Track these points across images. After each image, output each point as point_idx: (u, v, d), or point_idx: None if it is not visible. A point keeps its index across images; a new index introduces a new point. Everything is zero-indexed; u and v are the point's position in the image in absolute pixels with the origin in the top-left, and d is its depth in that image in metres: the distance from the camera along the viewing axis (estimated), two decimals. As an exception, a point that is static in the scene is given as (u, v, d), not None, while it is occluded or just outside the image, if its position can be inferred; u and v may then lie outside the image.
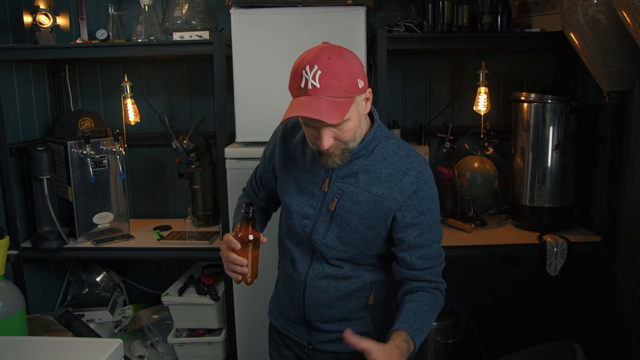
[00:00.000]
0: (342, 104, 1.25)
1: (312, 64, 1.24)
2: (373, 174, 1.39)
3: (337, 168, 1.40)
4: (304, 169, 1.47)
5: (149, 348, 2.59)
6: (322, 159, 1.37)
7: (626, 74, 1.89)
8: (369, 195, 1.38)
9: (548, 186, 2.40)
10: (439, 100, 2.81)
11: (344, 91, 1.26)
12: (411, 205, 1.38)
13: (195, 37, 2.33)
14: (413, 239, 1.39)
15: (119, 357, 1.54)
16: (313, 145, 1.37)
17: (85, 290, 2.80)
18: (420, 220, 1.39)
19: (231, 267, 1.40)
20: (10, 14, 2.54)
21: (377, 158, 1.40)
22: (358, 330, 1.39)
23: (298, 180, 1.47)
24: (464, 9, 2.34)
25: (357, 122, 1.32)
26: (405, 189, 1.37)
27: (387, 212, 1.38)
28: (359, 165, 1.40)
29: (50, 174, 2.42)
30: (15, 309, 1.99)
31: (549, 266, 2.28)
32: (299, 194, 1.46)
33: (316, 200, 1.44)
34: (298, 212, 1.46)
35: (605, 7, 1.75)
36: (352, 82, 1.27)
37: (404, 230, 1.39)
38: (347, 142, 1.33)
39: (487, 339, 2.72)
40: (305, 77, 1.24)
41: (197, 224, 2.65)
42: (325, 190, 1.42)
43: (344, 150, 1.35)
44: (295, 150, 1.49)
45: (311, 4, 2.11)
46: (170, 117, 2.43)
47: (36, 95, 2.70)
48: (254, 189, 1.68)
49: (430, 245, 1.41)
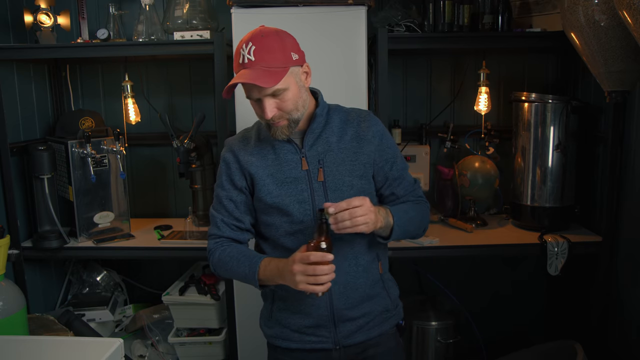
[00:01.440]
0: (275, 72, 1.39)
1: (247, 42, 1.41)
2: (339, 132, 1.54)
3: (307, 144, 1.52)
4: (274, 164, 1.53)
5: (150, 347, 2.59)
6: (271, 132, 1.49)
7: (627, 74, 1.89)
8: (347, 149, 1.53)
9: (549, 186, 2.40)
10: (439, 100, 2.81)
11: (277, 62, 1.40)
12: (382, 144, 1.56)
13: (196, 36, 2.33)
14: (394, 172, 1.58)
15: (119, 356, 1.54)
16: (261, 119, 1.49)
17: (86, 290, 2.80)
18: (393, 154, 1.59)
19: (322, 279, 1.35)
20: (11, 13, 2.54)
21: (334, 119, 1.56)
22: (381, 308, 1.59)
23: (276, 176, 1.53)
24: (465, 8, 2.34)
25: (296, 92, 1.45)
26: (374, 132, 1.55)
27: (367, 156, 1.54)
28: (323, 130, 1.54)
29: (51, 173, 2.42)
30: (15, 309, 1.99)
31: (550, 266, 2.28)
32: (283, 187, 1.52)
33: (302, 181, 1.51)
34: (292, 202, 1.51)
35: (606, 7, 1.75)
36: (285, 55, 1.41)
37: (383, 168, 1.57)
38: (290, 111, 1.45)
39: (487, 338, 2.72)
40: (242, 54, 1.41)
41: (198, 223, 2.65)
42: (306, 168, 1.52)
43: (289, 120, 1.47)
44: (258, 154, 1.55)
45: (312, 3, 2.11)
46: (171, 117, 2.43)
47: (37, 94, 2.70)
48: (236, 226, 1.59)
49: (406, 174, 1.62)
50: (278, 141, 1.53)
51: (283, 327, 1.61)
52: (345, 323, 1.56)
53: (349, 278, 1.54)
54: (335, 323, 1.55)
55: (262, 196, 1.53)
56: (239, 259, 1.52)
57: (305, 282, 1.36)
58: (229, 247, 1.57)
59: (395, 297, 1.67)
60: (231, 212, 1.57)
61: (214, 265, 1.59)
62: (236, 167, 1.56)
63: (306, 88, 1.51)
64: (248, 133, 1.62)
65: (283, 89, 1.41)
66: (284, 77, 1.40)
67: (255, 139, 1.58)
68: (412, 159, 2.64)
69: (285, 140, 1.52)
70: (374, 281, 1.59)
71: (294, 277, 1.36)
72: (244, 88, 1.44)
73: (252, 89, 1.41)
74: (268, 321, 1.66)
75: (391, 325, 1.65)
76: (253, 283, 1.50)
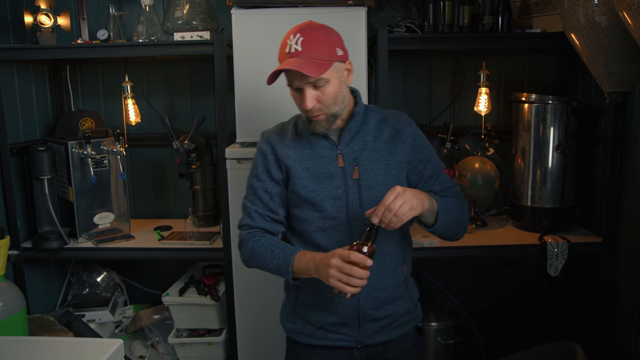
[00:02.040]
0: (321, 64, 1.42)
1: (295, 33, 1.45)
2: (376, 131, 1.57)
3: (343, 141, 1.54)
4: (310, 158, 1.55)
5: (150, 348, 2.59)
6: (310, 125, 1.52)
7: (627, 75, 1.89)
8: (382, 149, 1.55)
9: (549, 187, 2.40)
10: (439, 100, 2.81)
11: (323, 54, 1.43)
12: (417, 144, 1.58)
13: (196, 37, 2.33)
14: (429, 170, 1.59)
15: (119, 357, 1.54)
16: (301, 111, 1.52)
17: (86, 291, 2.80)
18: (428, 154, 1.60)
19: (355, 282, 1.35)
20: (11, 14, 2.54)
21: (371, 118, 1.59)
22: (403, 310, 1.61)
23: (311, 171, 1.54)
24: (465, 9, 2.34)
25: (337, 87, 1.48)
26: (408, 132, 1.58)
27: (402, 156, 1.56)
28: (360, 129, 1.56)
29: (51, 174, 2.42)
30: (15, 309, 1.99)
31: (550, 267, 2.28)
32: (318, 182, 1.53)
33: (337, 178, 1.53)
34: (327, 198, 1.53)
35: (606, 8, 1.75)
36: (330, 49, 1.45)
37: (418, 167, 1.58)
38: (329, 105, 1.47)
39: (487, 339, 2.72)
40: (290, 43, 1.45)
41: (198, 224, 2.65)
42: (342, 165, 1.53)
43: (328, 115, 1.49)
44: (294, 147, 1.57)
45: (312, 4, 2.12)
46: (170, 118, 2.43)
47: (37, 95, 2.70)
48: (271, 217, 1.59)
49: (442, 172, 1.62)
50: (315, 136, 1.56)
51: (306, 323, 1.61)
52: (369, 323, 1.57)
53: (376, 279, 1.54)
54: (360, 322, 1.57)
55: (297, 189, 1.54)
56: (272, 250, 1.51)
57: (338, 279, 1.35)
58: (262, 238, 1.56)
59: (416, 300, 1.69)
60: (266, 203, 1.58)
61: (245, 256, 1.58)
62: (273, 158, 1.57)
63: (347, 85, 1.53)
64: (285, 127, 1.64)
65: (325, 80, 1.44)
66: (328, 69, 1.43)
67: (292, 133, 1.60)
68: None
69: (322, 136, 1.55)
70: (399, 283, 1.61)
71: (328, 270, 1.36)
72: (286, 76, 1.48)
73: (295, 78, 1.45)
74: (291, 316, 1.65)
75: (411, 327, 1.67)
76: (286, 275, 1.48)
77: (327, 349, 1.60)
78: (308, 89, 1.45)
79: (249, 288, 2.29)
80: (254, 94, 2.18)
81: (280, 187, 1.58)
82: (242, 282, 2.28)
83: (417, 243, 2.26)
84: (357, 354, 1.59)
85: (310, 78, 1.42)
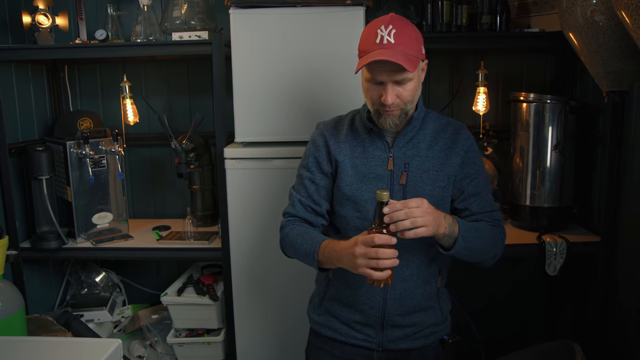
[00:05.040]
0: (412, 60, 1.39)
1: (387, 24, 1.39)
2: (431, 140, 1.53)
3: (397, 145, 1.52)
4: (362, 157, 1.53)
5: (148, 348, 2.59)
6: (380, 120, 1.47)
7: (625, 74, 1.89)
8: (435, 158, 1.51)
9: (547, 186, 2.41)
10: (437, 100, 2.81)
11: (414, 50, 1.40)
12: (468, 159, 1.54)
13: (195, 37, 2.33)
14: (472, 188, 1.53)
15: (118, 357, 1.54)
16: (374, 105, 1.47)
17: (85, 291, 2.80)
18: (476, 171, 1.55)
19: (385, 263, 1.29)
20: (9, 14, 2.53)
21: (429, 126, 1.55)
22: (431, 321, 1.58)
23: (360, 169, 1.52)
24: (463, 9, 2.34)
25: (417, 85, 1.46)
26: (463, 145, 1.54)
27: (453, 169, 1.52)
28: (416, 135, 1.53)
29: (49, 174, 2.42)
30: (14, 309, 1.99)
31: (548, 266, 2.29)
32: (365, 182, 1.51)
33: (384, 180, 1.51)
34: (370, 199, 1.49)
35: (604, 7, 1.75)
36: (419, 46, 1.43)
37: (462, 182, 1.53)
38: (406, 102, 1.45)
39: (486, 338, 2.72)
40: (381, 34, 1.38)
41: (197, 224, 2.65)
42: (391, 169, 1.51)
43: (402, 111, 1.46)
44: (347, 143, 1.55)
45: (310, 4, 2.11)
46: (169, 117, 2.43)
47: (35, 95, 2.70)
48: (312, 208, 1.58)
49: (486, 194, 1.56)
50: (369, 135, 1.54)
51: (332, 316, 1.60)
52: (393, 328, 1.56)
53: (407, 286, 1.52)
54: (384, 326, 1.56)
55: (342, 185, 1.52)
56: (304, 237, 1.50)
57: (367, 266, 1.30)
58: (300, 226, 1.55)
59: (446, 312, 1.66)
60: (310, 194, 1.57)
61: (281, 242, 1.59)
62: (325, 151, 1.56)
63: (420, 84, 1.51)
64: (341, 120, 1.62)
65: (410, 78, 1.42)
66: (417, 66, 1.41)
67: (348, 128, 1.58)
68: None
69: (377, 136, 1.53)
70: (431, 294, 1.58)
71: (354, 260, 1.31)
72: (368, 69, 1.42)
73: (382, 71, 1.40)
74: (318, 308, 1.65)
75: (436, 339, 1.64)
76: (313, 264, 1.47)
77: (348, 346, 1.59)
78: (391, 85, 1.41)
79: (247, 288, 2.29)
80: (253, 94, 2.18)
81: (327, 180, 1.57)
82: (240, 282, 2.28)
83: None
84: (376, 356, 1.58)
85: (397, 74, 1.39)
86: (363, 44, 1.44)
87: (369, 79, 1.44)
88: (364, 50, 1.43)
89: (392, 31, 1.38)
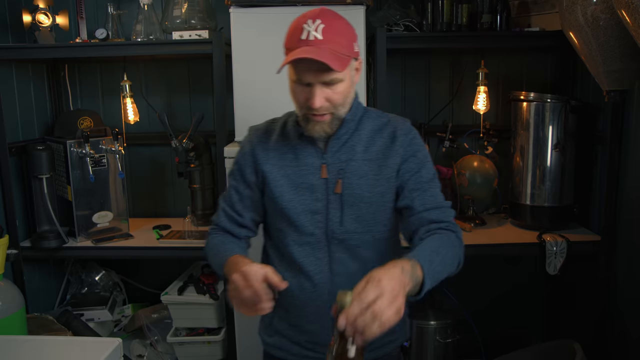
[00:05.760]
0: (342, 58, 1.25)
1: (314, 18, 1.25)
2: (367, 142, 1.39)
3: (331, 150, 1.38)
4: (293, 165, 1.40)
5: (148, 347, 2.59)
6: (308, 126, 1.34)
7: (625, 73, 1.89)
8: (372, 161, 1.38)
9: (547, 185, 2.40)
10: (438, 99, 2.81)
11: (344, 48, 1.26)
12: (408, 153, 1.39)
13: (195, 36, 2.33)
14: (413, 183, 1.37)
15: (118, 356, 1.54)
16: (301, 109, 1.33)
17: (85, 290, 2.80)
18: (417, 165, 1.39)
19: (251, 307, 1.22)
20: (10, 13, 2.53)
21: (366, 126, 1.41)
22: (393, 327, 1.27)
23: (292, 179, 1.39)
24: (464, 8, 2.34)
25: (348, 86, 1.32)
26: (402, 142, 1.39)
27: (393, 168, 1.38)
28: (351, 137, 1.39)
29: (50, 173, 2.42)
30: (14, 308, 1.99)
31: (549, 265, 2.29)
32: (297, 193, 1.38)
33: (319, 190, 1.38)
34: (304, 211, 1.38)
35: (605, 6, 1.75)
36: (350, 43, 1.28)
37: (402, 178, 1.38)
38: (337, 106, 1.31)
39: (486, 338, 2.72)
40: (308, 29, 1.24)
41: (197, 223, 2.65)
42: (325, 177, 1.37)
43: (333, 116, 1.33)
44: (279, 149, 1.42)
45: (310, 3, 2.11)
46: (169, 116, 2.43)
47: (35, 94, 2.70)
48: (234, 219, 1.46)
49: (431, 189, 1.38)
50: (300, 141, 1.40)
51: (282, 337, 1.50)
52: None
53: None
54: None
55: (273, 197, 1.40)
56: (218, 249, 1.40)
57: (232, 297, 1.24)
58: (221, 236, 1.45)
59: (405, 316, 1.52)
60: (233, 204, 1.45)
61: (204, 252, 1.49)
62: (251, 160, 1.43)
63: (354, 85, 1.37)
64: (273, 125, 1.48)
65: (340, 79, 1.27)
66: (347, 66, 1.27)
67: (278, 134, 1.44)
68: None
69: (308, 141, 1.39)
70: None
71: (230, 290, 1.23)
72: (294, 69, 1.28)
73: (308, 72, 1.25)
74: (268, 329, 1.54)
75: (395, 346, 1.53)
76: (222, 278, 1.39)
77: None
78: (319, 86, 1.27)
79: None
80: (253, 93, 2.18)
81: (251, 191, 1.44)
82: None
83: (416, 242, 2.26)
84: None
85: (325, 75, 1.25)
86: (288, 40, 1.29)
87: (295, 79, 1.29)
88: (288, 47, 1.28)
89: (320, 26, 1.24)
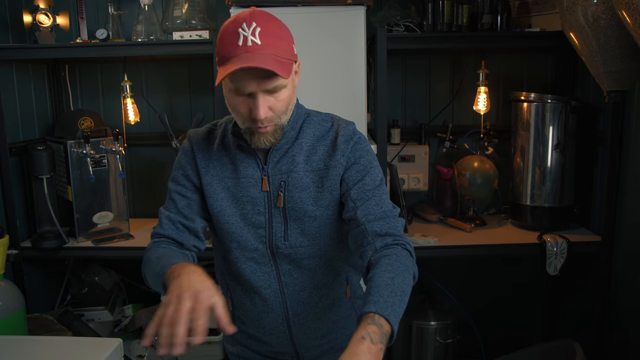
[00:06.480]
0: (286, 64, 1.15)
1: (249, 21, 1.13)
2: (308, 151, 1.29)
3: (271, 161, 1.28)
4: (232, 177, 1.31)
5: (149, 347, 2.59)
6: (254, 139, 1.22)
7: (626, 74, 1.89)
8: (313, 172, 1.28)
9: (548, 186, 2.40)
10: (438, 99, 2.81)
11: (285, 51, 1.16)
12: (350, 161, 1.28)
13: (195, 36, 2.33)
14: (356, 193, 1.26)
15: (118, 356, 1.54)
16: (244, 121, 1.21)
17: (85, 290, 2.80)
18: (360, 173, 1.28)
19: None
20: (10, 13, 2.53)
21: (307, 134, 1.30)
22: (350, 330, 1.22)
23: (232, 191, 1.30)
24: (464, 8, 2.34)
25: (291, 92, 1.22)
26: (343, 149, 1.28)
27: (336, 180, 1.28)
28: (291, 148, 1.29)
29: (50, 173, 2.42)
30: (14, 309, 1.99)
31: (549, 266, 2.29)
32: (238, 206, 1.30)
33: (260, 204, 1.29)
34: (245, 225, 1.30)
35: (605, 7, 1.75)
36: (289, 45, 1.19)
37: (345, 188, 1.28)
38: (280, 115, 1.21)
39: (486, 338, 2.72)
40: (244, 34, 1.12)
41: (197, 223, 2.65)
42: (267, 189, 1.28)
43: (276, 126, 1.22)
44: (220, 159, 1.32)
45: (311, 3, 2.11)
46: (170, 117, 2.43)
47: (36, 94, 2.70)
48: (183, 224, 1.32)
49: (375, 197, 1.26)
50: (239, 152, 1.30)
51: (243, 347, 1.47)
52: (308, 349, 1.42)
53: (309, 309, 1.35)
54: (298, 350, 1.42)
55: (214, 211, 1.31)
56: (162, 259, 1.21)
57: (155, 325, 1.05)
58: (165, 248, 1.28)
59: None
60: (180, 209, 1.32)
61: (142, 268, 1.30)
62: (193, 163, 1.33)
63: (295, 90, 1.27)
64: (214, 131, 1.37)
65: (284, 85, 1.17)
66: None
67: (219, 143, 1.33)
68: (411, 159, 2.64)
69: (248, 152, 1.29)
70: (340, 307, 1.41)
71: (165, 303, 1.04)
72: (231, 79, 1.15)
73: (249, 80, 1.14)
74: (230, 339, 1.49)
75: None
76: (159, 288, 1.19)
77: None
78: (262, 95, 1.16)
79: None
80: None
81: (198, 196, 1.33)
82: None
83: (415, 242, 2.26)
84: None
85: (268, 83, 1.14)
86: (222, 48, 1.15)
87: (233, 89, 1.17)
88: (224, 55, 1.14)
89: (257, 29, 1.12)
